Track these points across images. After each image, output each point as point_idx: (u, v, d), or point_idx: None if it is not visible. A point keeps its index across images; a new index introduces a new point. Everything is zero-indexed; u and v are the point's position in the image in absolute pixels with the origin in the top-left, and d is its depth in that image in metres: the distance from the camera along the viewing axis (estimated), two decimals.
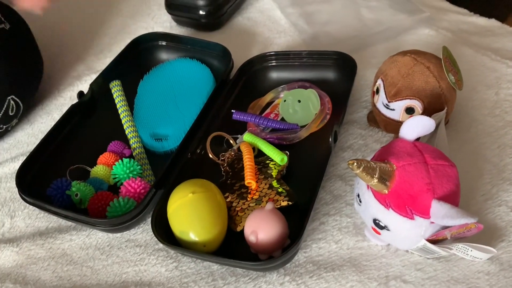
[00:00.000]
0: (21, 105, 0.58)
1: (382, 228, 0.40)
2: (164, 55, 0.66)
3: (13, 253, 0.49)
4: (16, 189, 0.54)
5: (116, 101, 0.59)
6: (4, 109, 0.55)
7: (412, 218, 0.38)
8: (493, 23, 0.67)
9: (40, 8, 0.47)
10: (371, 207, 0.41)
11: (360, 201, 0.42)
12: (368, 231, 0.44)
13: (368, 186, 0.40)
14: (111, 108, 0.59)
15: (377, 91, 0.51)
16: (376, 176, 0.38)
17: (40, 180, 0.51)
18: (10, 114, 0.57)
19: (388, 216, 0.39)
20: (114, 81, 0.61)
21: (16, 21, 0.59)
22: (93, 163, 0.53)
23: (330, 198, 0.49)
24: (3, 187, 0.56)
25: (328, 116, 0.54)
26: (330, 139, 0.48)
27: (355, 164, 0.38)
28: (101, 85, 0.60)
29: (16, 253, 0.48)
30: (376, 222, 0.41)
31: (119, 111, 0.58)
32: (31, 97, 0.62)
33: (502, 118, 0.54)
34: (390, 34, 0.67)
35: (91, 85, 0.59)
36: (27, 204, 0.52)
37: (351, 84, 0.55)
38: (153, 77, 0.62)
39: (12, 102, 0.56)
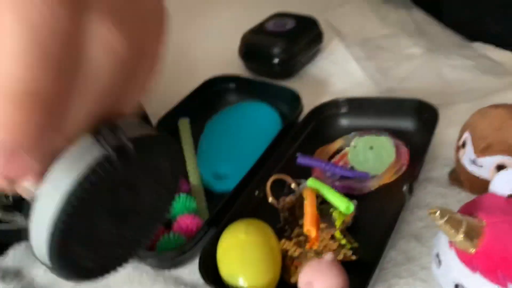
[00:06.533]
0: None
1: None
2: (234, 97, 0.66)
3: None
4: None
5: (182, 137, 0.59)
6: None
7: (505, 286, 0.31)
8: None
9: None
10: (453, 270, 0.34)
11: (440, 262, 0.36)
12: None
13: (451, 244, 0.35)
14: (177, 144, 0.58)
15: (463, 145, 0.46)
16: (463, 230, 0.32)
17: None
18: None
19: (474, 282, 0.33)
20: (182, 119, 0.61)
21: None
22: None
23: (402, 259, 0.42)
24: None
25: (404, 167, 0.49)
26: (404, 189, 0.43)
27: (438, 213, 0.32)
28: (169, 121, 0.60)
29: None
30: None
31: (184, 148, 0.57)
32: None
33: None
34: (474, 95, 0.61)
35: (159, 120, 0.59)
36: None
37: (431, 134, 0.50)
38: (222, 117, 0.61)
39: None
